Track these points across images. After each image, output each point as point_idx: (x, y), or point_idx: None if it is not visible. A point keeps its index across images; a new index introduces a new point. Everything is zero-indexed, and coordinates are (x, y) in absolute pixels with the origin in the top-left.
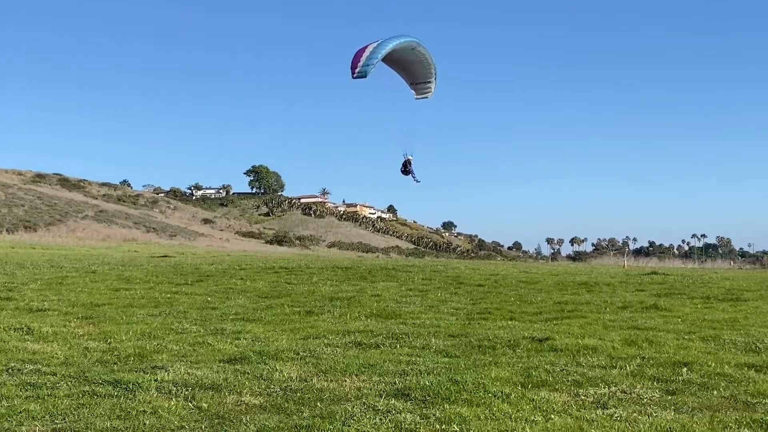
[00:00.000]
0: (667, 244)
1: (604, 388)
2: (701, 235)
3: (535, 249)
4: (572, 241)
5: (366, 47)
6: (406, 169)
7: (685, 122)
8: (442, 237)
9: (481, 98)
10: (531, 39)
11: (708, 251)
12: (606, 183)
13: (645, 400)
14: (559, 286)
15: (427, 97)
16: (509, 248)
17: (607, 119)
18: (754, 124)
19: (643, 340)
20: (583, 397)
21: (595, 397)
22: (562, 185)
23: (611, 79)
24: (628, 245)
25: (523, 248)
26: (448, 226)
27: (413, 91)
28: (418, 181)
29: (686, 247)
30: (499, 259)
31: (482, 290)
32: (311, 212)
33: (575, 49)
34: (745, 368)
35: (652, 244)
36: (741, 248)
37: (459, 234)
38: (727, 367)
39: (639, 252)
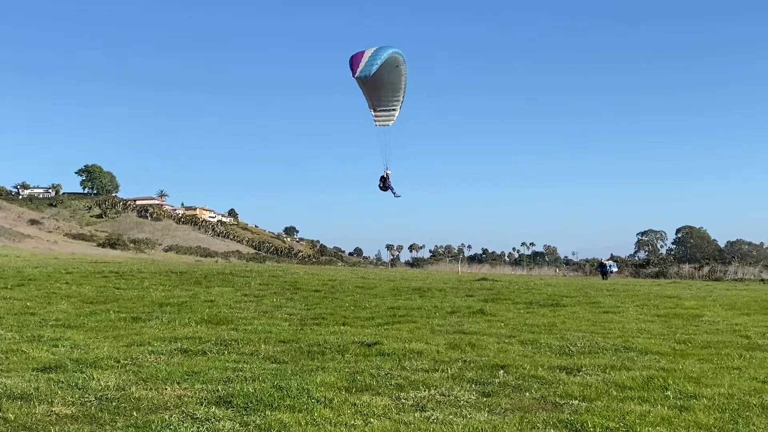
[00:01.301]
0: (499, 252)
1: (425, 391)
2: (530, 243)
3: (375, 255)
4: (411, 248)
5: (364, 51)
6: (384, 184)
7: (516, 133)
8: (284, 242)
9: (325, 103)
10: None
11: (536, 259)
12: (444, 191)
13: (462, 402)
14: (394, 292)
15: (387, 125)
16: (350, 254)
17: (441, 127)
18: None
19: (467, 344)
20: (403, 401)
21: (415, 400)
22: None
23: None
24: (463, 252)
25: (364, 254)
26: (290, 231)
27: (374, 116)
28: (398, 196)
29: (516, 255)
30: (339, 264)
31: (319, 295)
32: (148, 215)
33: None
34: (558, 370)
35: (485, 251)
36: (566, 256)
37: (301, 239)
38: (540, 369)
39: (473, 259)
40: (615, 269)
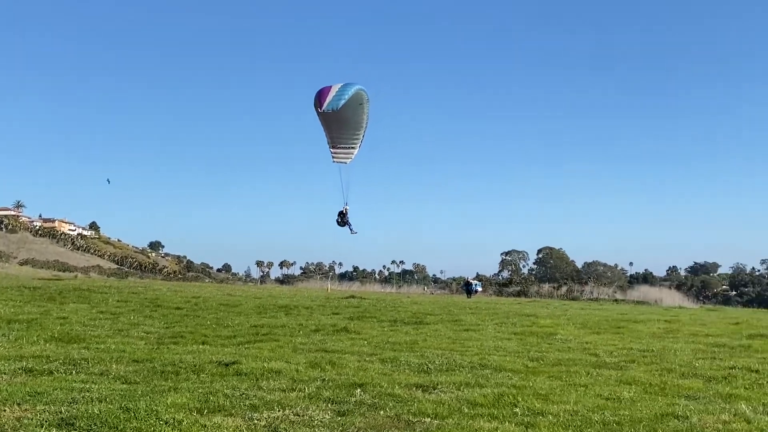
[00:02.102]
0: (369, 270)
1: (279, 411)
2: (400, 262)
3: (245, 272)
4: (282, 265)
5: (330, 86)
6: (342, 219)
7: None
8: (149, 257)
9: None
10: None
11: (405, 277)
12: (315, 207)
13: (316, 422)
14: (259, 309)
15: (345, 163)
16: (218, 270)
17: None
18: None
19: (327, 363)
20: (256, 421)
21: (269, 420)
22: (272, 208)
23: None
24: (333, 269)
25: (233, 270)
26: (155, 246)
27: (332, 152)
28: (354, 233)
29: (386, 273)
30: (207, 281)
31: (180, 313)
32: (2, 226)
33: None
34: (414, 388)
35: (356, 268)
36: (434, 275)
37: (167, 254)
38: (398, 387)
39: (344, 276)
40: (479, 288)
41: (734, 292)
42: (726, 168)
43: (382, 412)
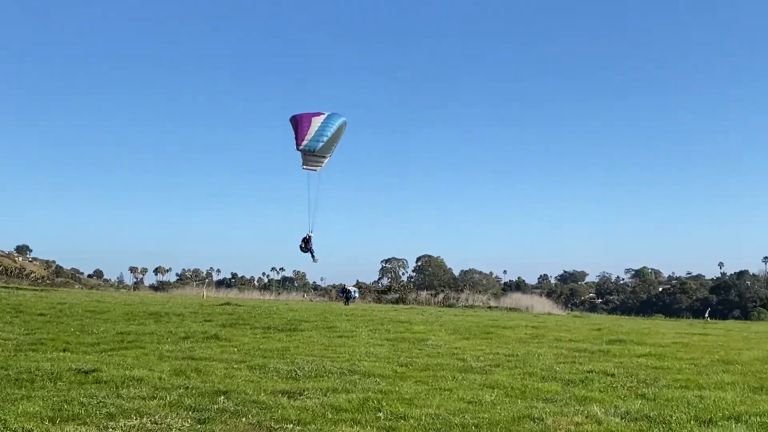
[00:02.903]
0: (249, 276)
1: (137, 419)
2: (280, 268)
3: (118, 278)
4: (156, 271)
5: (311, 119)
6: (306, 246)
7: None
8: (14, 261)
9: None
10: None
11: (285, 284)
12: (193, 212)
13: (174, 429)
14: (128, 316)
15: (315, 170)
16: (90, 276)
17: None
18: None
19: (193, 370)
20: (111, 430)
21: (124, 429)
22: (146, 212)
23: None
24: (211, 276)
25: (105, 276)
26: (22, 249)
27: (303, 159)
28: (315, 261)
29: (266, 280)
30: (77, 287)
31: (43, 320)
32: None
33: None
34: (280, 395)
35: (234, 275)
36: (314, 282)
37: (34, 259)
38: (263, 394)
39: (221, 283)
40: (357, 295)
41: (600, 300)
42: (594, 181)
43: (244, 419)
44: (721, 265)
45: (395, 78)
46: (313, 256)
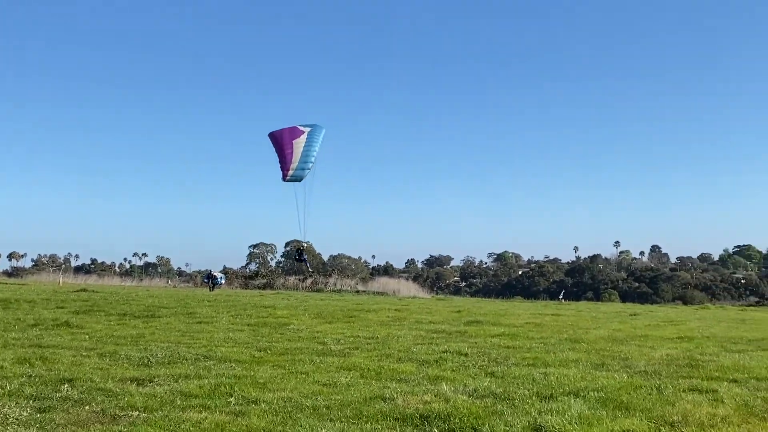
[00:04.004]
0: (109, 262)
1: None
2: (143, 254)
3: None
4: (10, 256)
5: (291, 144)
6: (300, 257)
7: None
8: None
9: None
10: None
11: (148, 270)
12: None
13: (11, 419)
14: None
15: (299, 181)
16: None
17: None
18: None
19: (38, 358)
20: None
21: None
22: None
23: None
24: (69, 262)
25: None
26: None
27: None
28: (311, 272)
29: (128, 265)
30: None
31: None
32: None
33: None
34: (129, 382)
35: (94, 261)
36: (179, 267)
37: None
38: (111, 381)
39: (80, 269)
40: (223, 281)
41: (464, 283)
42: (460, 169)
43: (87, 408)
44: (576, 249)
45: None
46: (308, 268)
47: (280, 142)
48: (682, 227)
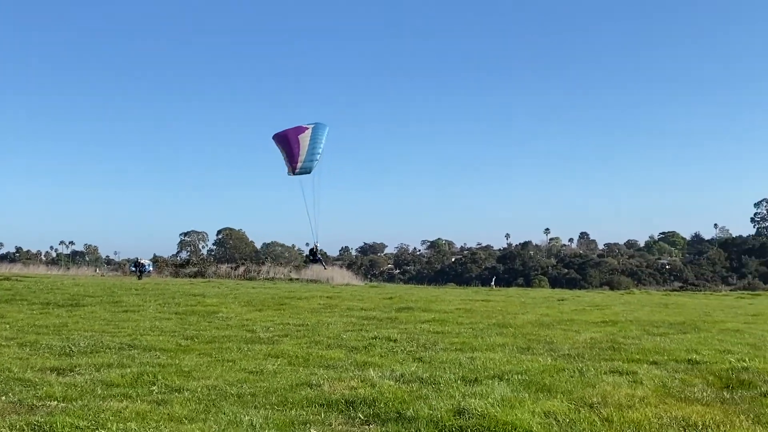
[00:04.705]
0: (35, 250)
1: None
2: (69, 242)
3: None
4: None
5: (297, 139)
6: (315, 257)
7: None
8: None
9: None
10: None
11: (75, 258)
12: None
13: None
14: None
15: (308, 173)
16: None
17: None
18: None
19: None
20: None
21: None
22: None
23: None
24: None
25: None
26: None
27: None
28: (326, 269)
29: (54, 254)
30: None
31: None
32: None
33: None
34: (49, 372)
35: (19, 249)
36: (107, 256)
37: None
38: (30, 371)
39: (4, 258)
40: (152, 268)
41: (398, 270)
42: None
43: (4, 398)
44: (507, 236)
45: None
46: (324, 265)
47: (287, 139)
48: (610, 215)
